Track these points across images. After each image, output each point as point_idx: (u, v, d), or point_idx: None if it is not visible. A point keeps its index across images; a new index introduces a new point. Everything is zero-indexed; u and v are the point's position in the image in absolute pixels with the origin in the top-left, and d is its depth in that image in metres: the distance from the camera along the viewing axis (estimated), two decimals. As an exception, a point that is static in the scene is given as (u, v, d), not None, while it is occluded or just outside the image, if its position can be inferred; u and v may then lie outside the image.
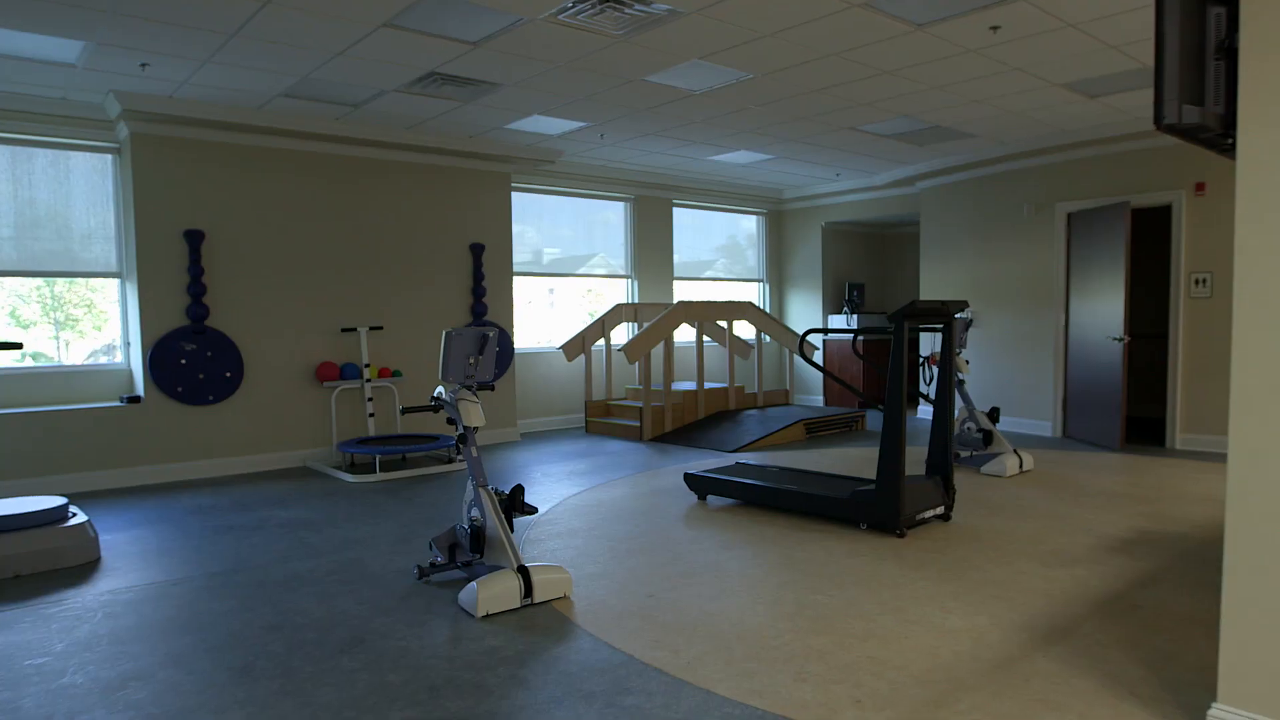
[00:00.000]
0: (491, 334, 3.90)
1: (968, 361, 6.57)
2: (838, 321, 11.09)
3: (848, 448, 7.76)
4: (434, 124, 7.23)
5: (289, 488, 6.25)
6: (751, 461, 6.52)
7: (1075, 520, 4.95)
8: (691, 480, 5.65)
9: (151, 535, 4.93)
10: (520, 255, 9.05)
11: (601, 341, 9.54)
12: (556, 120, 7.18)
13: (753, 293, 11.55)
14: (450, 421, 3.95)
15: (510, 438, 8.52)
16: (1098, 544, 4.45)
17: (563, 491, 6.02)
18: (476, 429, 3.93)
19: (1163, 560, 4.16)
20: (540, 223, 9.26)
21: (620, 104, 6.67)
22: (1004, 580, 3.88)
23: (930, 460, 5.00)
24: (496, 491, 3.84)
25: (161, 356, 6.50)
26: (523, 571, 3.59)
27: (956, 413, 6.75)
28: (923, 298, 9.61)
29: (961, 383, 6.62)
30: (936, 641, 3.18)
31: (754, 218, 11.51)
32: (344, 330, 7.36)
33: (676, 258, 10.49)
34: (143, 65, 5.48)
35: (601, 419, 8.93)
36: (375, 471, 6.62)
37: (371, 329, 7.49)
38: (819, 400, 11.28)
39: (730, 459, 7.23)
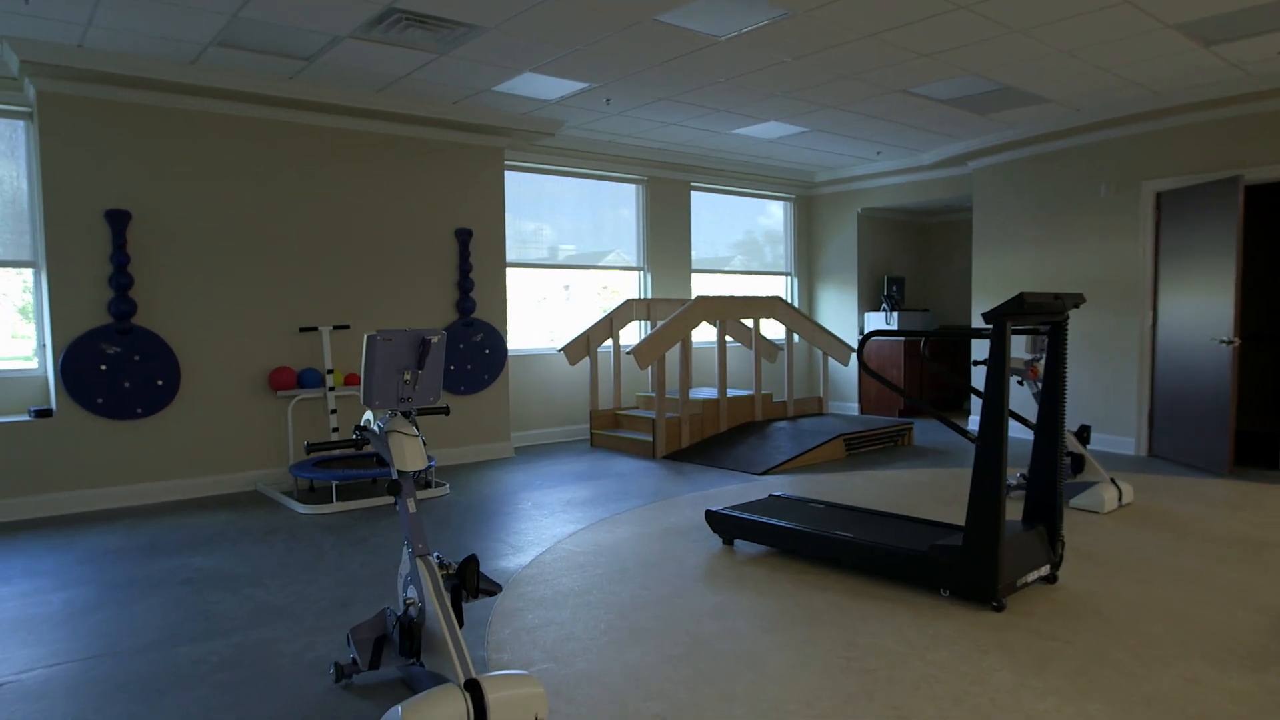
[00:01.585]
0: (436, 338, 2.75)
1: (1035, 368, 5.37)
2: (875, 320, 9.87)
3: (898, 469, 6.56)
4: (408, 85, 6.10)
5: (223, 522, 5.14)
6: (788, 494, 5.35)
7: (1222, 583, 3.74)
8: (715, 520, 4.49)
9: (15, 596, 3.82)
10: (517, 245, 7.90)
11: (609, 342, 8.39)
12: (552, 80, 6.02)
13: (779, 288, 10.36)
14: (380, 462, 2.82)
15: (503, 454, 7.39)
16: (1275, 625, 3.25)
17: (556, 530, 4.87)
18: (417, 474, 2.78)
19: (1381, 657, 2.96)
20: (540, 207, 8.11)
21: (627, 57, 5.51)
22: (1171, 695, 2.69)
23: (1031, 503, 3.81)
24: (442, 564, 2.70)
25: (77, 361, 5.41)
26: (473, 689, 2.44)
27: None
28: (976, 291, 8.40)
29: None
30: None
31: (781, 204, 10.31)
32: (303, 330, 6.24)
33: (695, 248, 9.32)
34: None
35: (608, 431, 7.78)
36: (333, 500, 5.50)
37: (336, 328, 6.37)
38: (853, 408, 10.08)
39: (758, 483, 6.07)
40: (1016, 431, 8.01)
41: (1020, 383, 5.60)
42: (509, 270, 7.77)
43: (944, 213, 10.48)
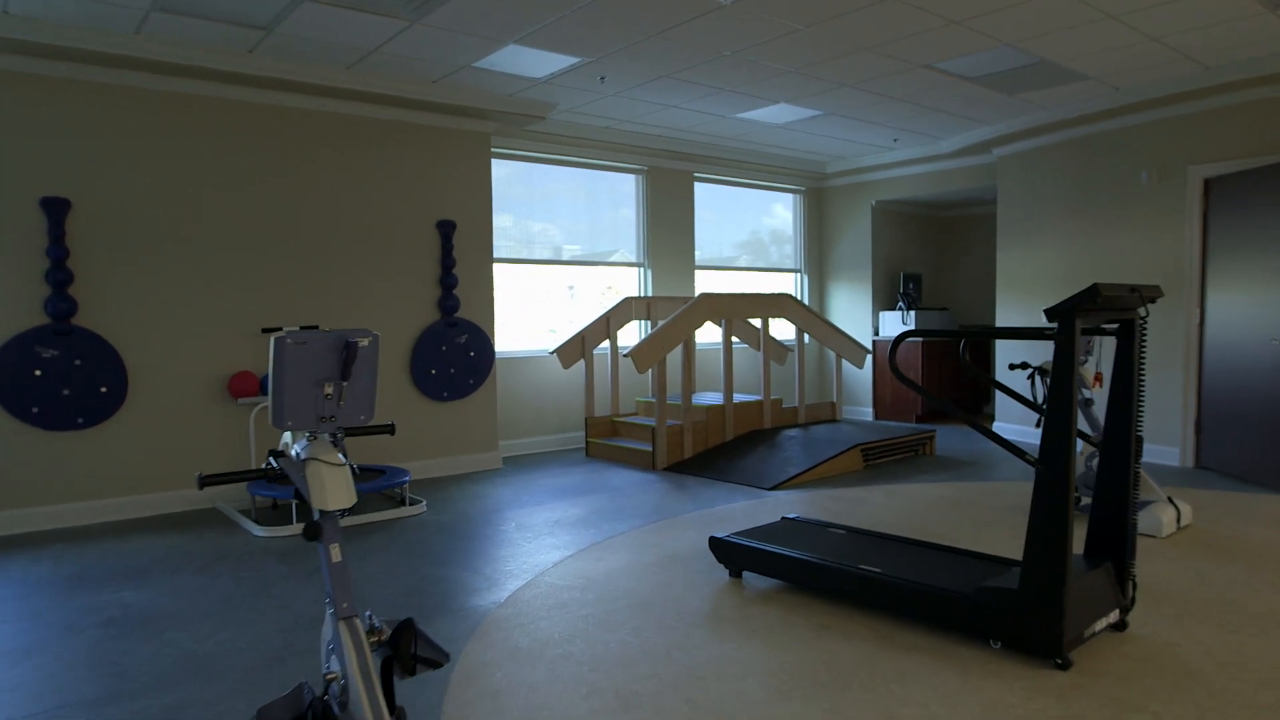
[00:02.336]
0: (365, 342, 2.17)
1: (1099, 376, 4.77)
2: (891, 319, 9.27)
3: (921, 482, 5.96)
4: (381, 60, 5.52)
5: (167, 547, 4.57)
6: (803, 516, 4.75)
7: (1326, 631, 3.15)
8: (721, 549, 3.90)
9: (-99, 644, 3.26)
10: (506, 240, 7.33)
11: (606, 343, 7.81)
12: (539, 53, 5.45)
13: (788, 285, 9.76)
14: (299, 497, 2.25)
15: (489, 465, 6.81)
16: (1407, 692, 2.65)
17: (539, 557, 4.29)
18: (342, 513, 2.21)
19: None
20: (531, 199, 7.53)
21: (621, 25, 4.93)
22: (1307, 798, 2.09)
23: (1095, 534, 3.21)
24: (373, 629, 2.12)
25: (9, 366, 4.85)
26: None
27: (1080, 445, 4.97)
28: (1000, 289, 7.80)
29: (1089, 403, 4.82)
30: None
31: (790, 196, 9.71)
32: (266, 331, 5.66)
33: (698, 243, 8.73)
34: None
35: (605, 440, 7.20)
36: (293, 519, 4.92)
37: (304, 329, 5.79)
38: (868, 413, 9.48)
39: (768, 499, 5.48)
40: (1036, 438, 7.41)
41: (1033, 380, 4.99)
42: (499, 266, 7.20)
43: (963, 205, 9.87)
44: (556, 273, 7.80)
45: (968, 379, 9.48)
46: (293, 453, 2.23)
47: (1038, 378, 5.16)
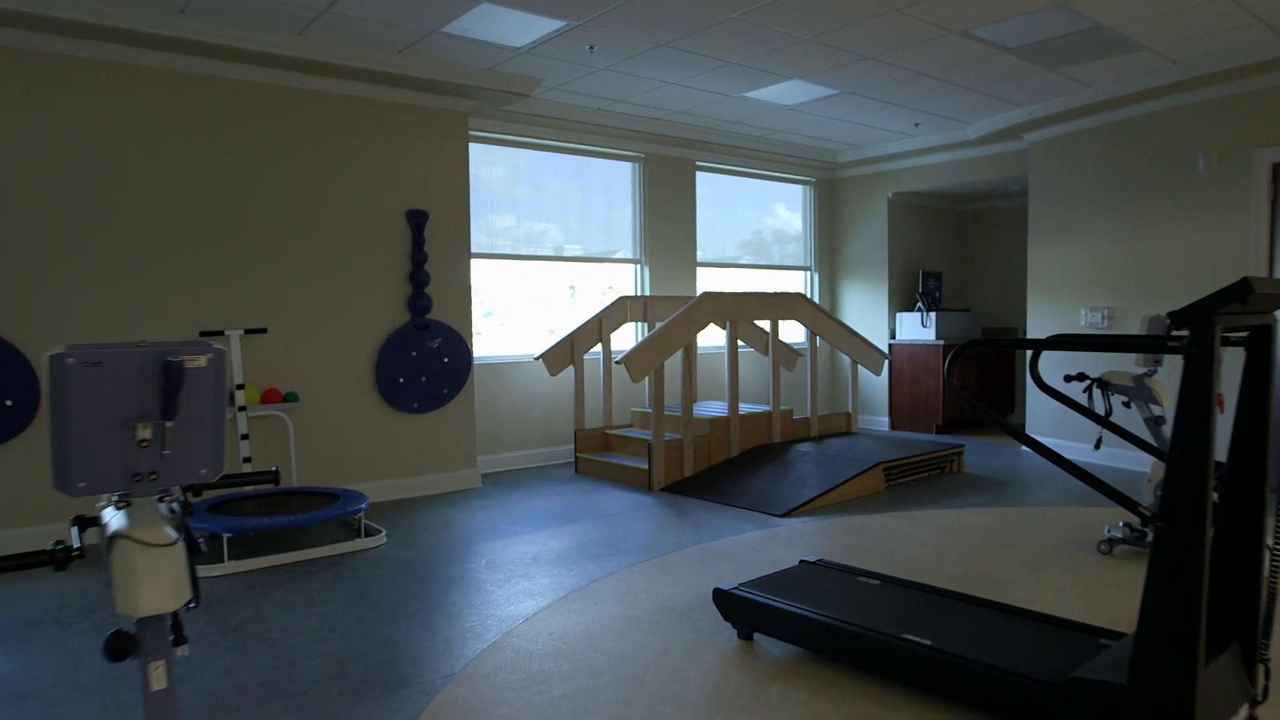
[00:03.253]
0: (201, 360, 1.45)
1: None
2: (909, 321, 8.55)
3: (954, 507, 5.24)
4: (335, 24, 4.81)
5: (69, 594, 3.85)
6: (827, 560, 4.04)
7: None
8: (728, 604, 3.18)
9: None
10: (491, 232, 6.61)
11: (599, 347, 7.09)
12: (517, 15, 4.73)
13: (796, 284, 9.04)
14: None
15: (467, 484, 6.09)
16: None
17: (511, 609, 3.56)
18: (187, 606, 1.49)
19: None
20: (515, 189, 6.81)
21: (612, -23, 4.21)
22: None
23: (1217, 604, 2.49)
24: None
25: (-108, 376, 4.14)
26: None
27: (1150, 467, 4.24)
28: (1032, 288, 7.06)
29: (1160, 421, 4.10)
30: None
31: (800, 188, 8.99)
32: (204, 335, 4.96)
33: (700, 238, 8.01)
34: None
35: (596, 456, 6.48)
36: (223, 559, 4.20)
37: (248, 333, 5.09)
38: (883, 422, 8.75)
39: (781, 529, 4.75)
40: (1115, 447, 6.70)
41: (1126, 404, 4.28)
42: (488, 264, 6.49)
43: (988, 198, 9.14)
44: (556, 273, 7.07)
45: (990, 385, 8.75)
46: (112, 527, 1.51)
47: (1097, 391, 4.43)
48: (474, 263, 6.43)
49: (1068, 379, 4.16)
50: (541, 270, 7.03)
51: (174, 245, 4.90)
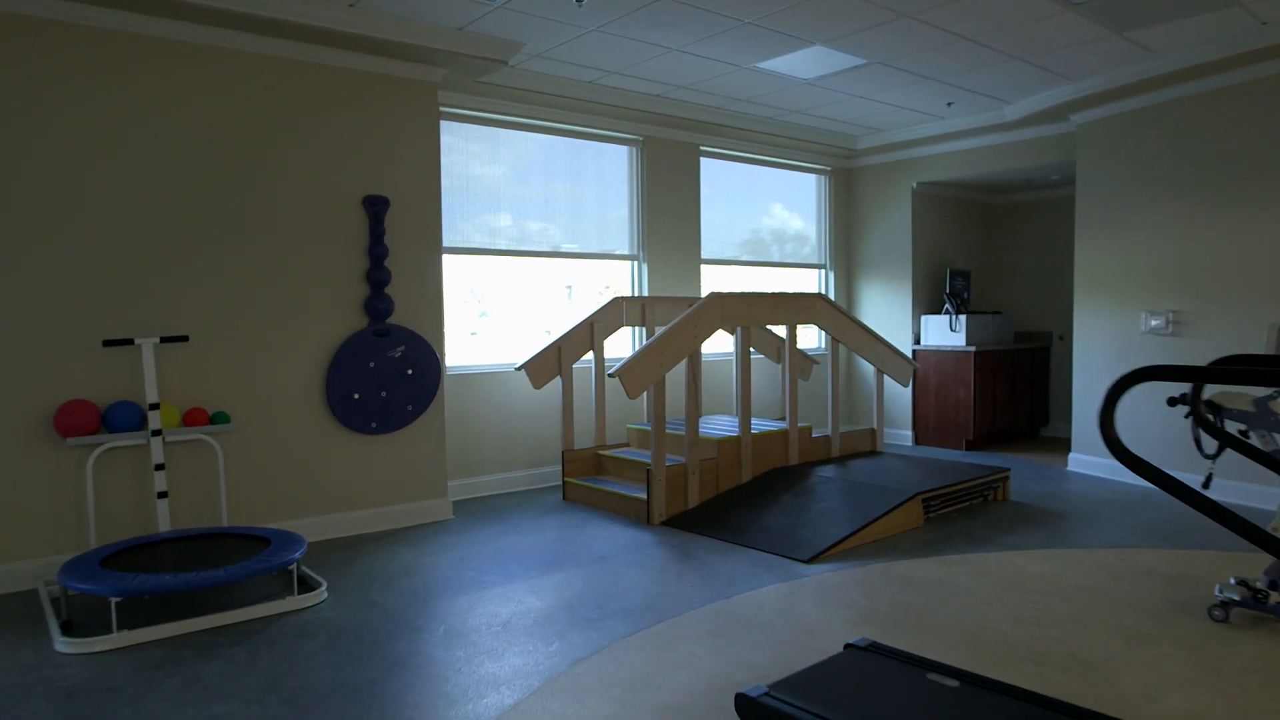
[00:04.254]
0: None
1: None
2: (936, 324, 7.71)
3: (1012, 549, 4.39)
4: (268, -33, 3.95)
5: None
6: (881, 646, 3.21)
7: None
8: (757, 718, 2.34)
9: None
10: (473, 226, 5.76)
11: (590, 356, 6.25)
12: (489, -45, 3.88)
13: (810, 283, 8.20)
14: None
15: (435, 515, 5.24)
16: None
17: (466, 710, 2.71)
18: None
19: None
20: (494, 173, 5.96)
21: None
22: None
23: None
24: None
25: None
26: None
27: (1278, 512, 3.42)
28: (1079, 289, 6.20)
29: (1287, 455, 3.27)
30: None
31: (814, 177, 8.15)
32: (110, 344, 4.10)
33: (705, 233, 7.16)
34: None
35: (587, 481, 5.63)
36: (113, 628, 3.33)
37: (166, 341, 4.23)
38: (906, 436, 7.91)
39: (807, 579, 3.90)
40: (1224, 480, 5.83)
41: (1244, 434, 3.45)
42: (465, 259, 5.64)
43: (1024, 188, 8.30)
44: (547, 271, 6.22)
45: (1024, 395, 7.91)
46: None
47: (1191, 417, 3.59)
48: (462, 259, 5.58)
49: (1171, 402, 3.32)
50: (531, 268, 6.17)
51: (73, 234, 4.04)
